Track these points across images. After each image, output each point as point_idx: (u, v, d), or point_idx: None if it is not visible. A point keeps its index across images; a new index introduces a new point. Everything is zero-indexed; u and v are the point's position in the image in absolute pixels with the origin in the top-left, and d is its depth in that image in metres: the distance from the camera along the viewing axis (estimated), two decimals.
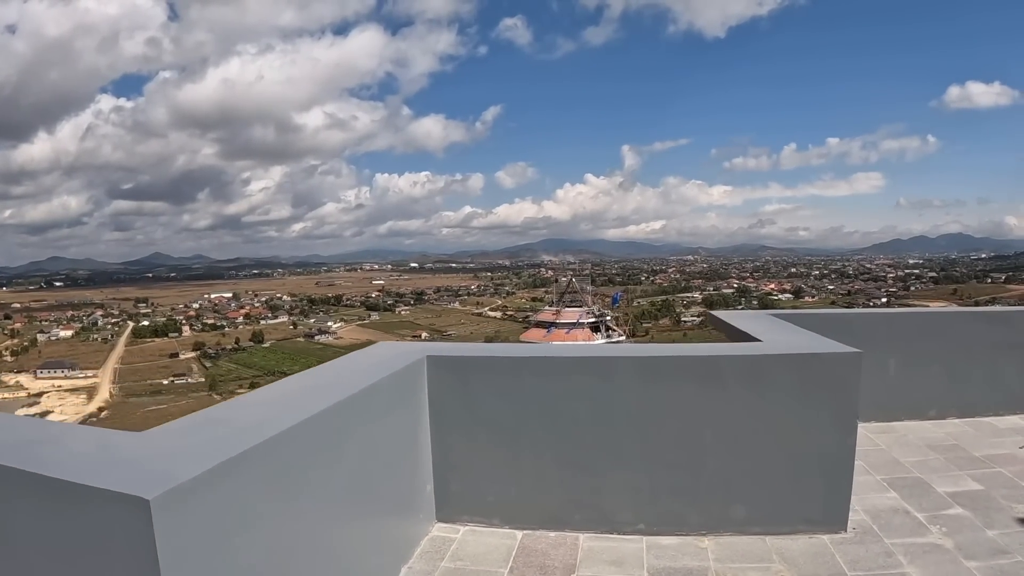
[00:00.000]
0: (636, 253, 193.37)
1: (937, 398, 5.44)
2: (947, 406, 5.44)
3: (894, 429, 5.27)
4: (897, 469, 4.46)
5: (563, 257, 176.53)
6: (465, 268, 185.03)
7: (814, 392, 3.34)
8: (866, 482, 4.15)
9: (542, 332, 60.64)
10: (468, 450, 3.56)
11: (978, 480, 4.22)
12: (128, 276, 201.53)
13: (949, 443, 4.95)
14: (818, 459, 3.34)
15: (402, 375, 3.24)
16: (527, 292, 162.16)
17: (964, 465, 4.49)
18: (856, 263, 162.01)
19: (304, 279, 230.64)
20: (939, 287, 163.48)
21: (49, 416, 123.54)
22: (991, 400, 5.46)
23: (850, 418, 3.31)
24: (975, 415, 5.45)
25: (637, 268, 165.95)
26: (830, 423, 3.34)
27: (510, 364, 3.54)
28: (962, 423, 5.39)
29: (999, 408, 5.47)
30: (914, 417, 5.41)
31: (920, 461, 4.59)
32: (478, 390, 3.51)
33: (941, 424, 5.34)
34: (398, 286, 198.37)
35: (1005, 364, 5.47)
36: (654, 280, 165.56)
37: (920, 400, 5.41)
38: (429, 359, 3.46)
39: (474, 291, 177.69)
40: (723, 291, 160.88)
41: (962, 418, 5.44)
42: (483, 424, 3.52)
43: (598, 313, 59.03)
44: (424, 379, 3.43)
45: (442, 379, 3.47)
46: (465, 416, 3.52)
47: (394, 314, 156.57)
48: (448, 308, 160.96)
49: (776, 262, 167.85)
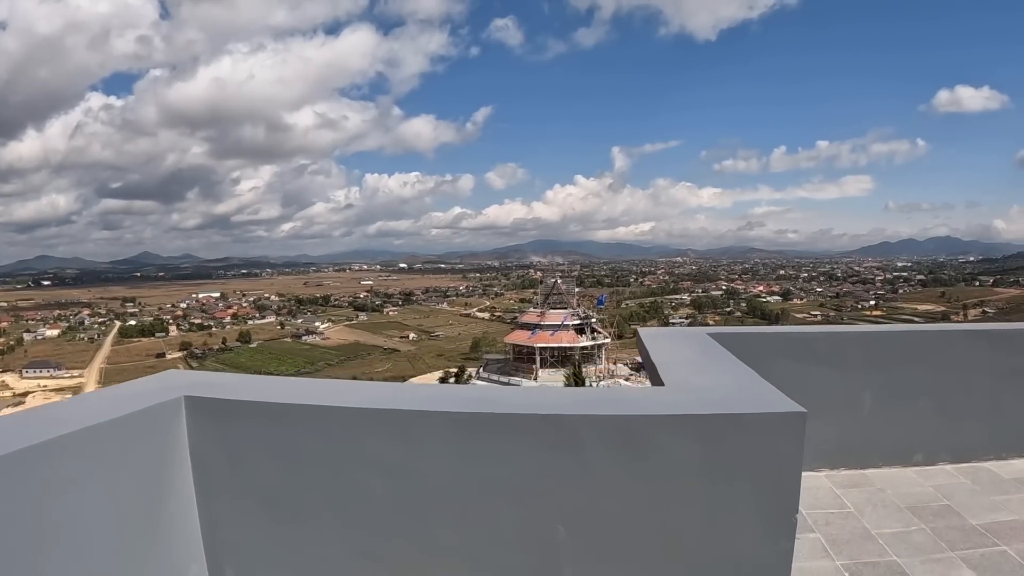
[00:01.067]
0: (625, 255, 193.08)
1: (925, 439, 4.25)
2: (937, 449, 4.26)
3: (869, 480, 4.10)
4: (866, 548, 3.28)
5: (552, 258, 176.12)
6: (454, 269, 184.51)
7: (730, 473, 2.13)
8: (821, 572, 2.96)
9: (527, 334, 59.77)
10: (242, 526, 2.51)
11: (975, 567, 3.05)
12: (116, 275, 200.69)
13: (938, 503, 3.78)
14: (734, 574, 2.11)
15: (143, 419, 2.30)
16: (515, 293, 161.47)
17: (957, 541, 3.32)
18: (845, 266, 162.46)
19: (293, 279, 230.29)
20: (927, 290, 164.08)
21: None
22: (993, 441, 4.29)
23: (785, 512, 2.07)
24: (973, 460, 4.27)
25: (626, 270, 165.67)
26: (754, 520, 2.11)
27: (279, 412, 2.42)
28: (956, 472, 4.21)
29: (1002, 451, 4.31)
30: (895, 463, 4.23)
31: (898, 534, 3.42)
32: (244, 445, 2.47)
33: (929, 473, 4.17)
34: (386, 286, 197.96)
35: (1011, 395, 4.28)
36: (643, 282, 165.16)
37: (903, 442, 4.22)
38: (187, 400, 2.43)
39: (462, 292, 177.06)
40: (711, 293, 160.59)
41: (956, 464, 4.26)
42: (256, 493, 2.48)
43: (583, 315, 58.11)
44: (183, 427, 2.41)
45: (204, 428, 2.44)
46: (234, 481, 2.49)
47: (382, 315, 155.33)
48: (436, 309, 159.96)
49: (765, 264, 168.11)
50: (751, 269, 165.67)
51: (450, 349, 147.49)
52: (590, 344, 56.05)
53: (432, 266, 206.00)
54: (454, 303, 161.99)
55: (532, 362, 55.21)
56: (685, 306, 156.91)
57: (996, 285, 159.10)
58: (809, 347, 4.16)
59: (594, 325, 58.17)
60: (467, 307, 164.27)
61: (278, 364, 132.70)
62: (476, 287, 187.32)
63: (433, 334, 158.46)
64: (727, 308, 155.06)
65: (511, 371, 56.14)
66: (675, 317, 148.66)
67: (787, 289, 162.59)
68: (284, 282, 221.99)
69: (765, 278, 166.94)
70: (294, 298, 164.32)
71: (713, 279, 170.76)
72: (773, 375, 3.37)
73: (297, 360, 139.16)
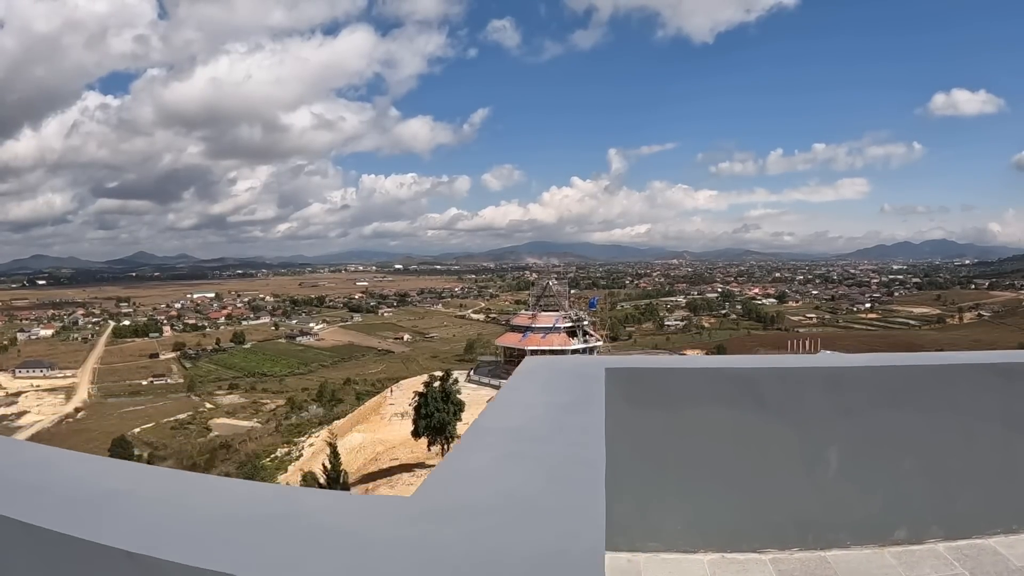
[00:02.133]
0: (621, 256, 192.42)
1: (910, 509, 3.19)
2: (926, 522, 3.19)
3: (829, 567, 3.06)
4: None
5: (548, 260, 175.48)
6: (450, 270, 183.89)
7: None
8: None
9: (518, 336, 59.06)
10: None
11: None
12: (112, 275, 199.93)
13: None
14: None
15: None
16: (510, 295, 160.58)
17: None
18: (840, 268, 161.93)
19: (288, 279, 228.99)
20: (923, 293, 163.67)
21: (26, 416, 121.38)
22: (1000, 511, 3.22)
23: None
24: (972, 535, 3.21)
25: (622, 272, 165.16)
26: None
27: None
28: (950, 553, 3.17)
29: (1012, 522, 3.25)
30: (869, 541, 3.17)
31: None
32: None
33: (915, 557, 3.13)
34: (382, 287, 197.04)
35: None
36: (638, 284, 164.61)
37: (881, 513, 3.16)
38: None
39: (457, 293, 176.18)
40: (707, 295, 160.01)
41: (951, 541, 3.20)
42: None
43: (575, 318, 57.29)
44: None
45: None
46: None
47: (376, 316, 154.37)
48: (431, 310, 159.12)
49: (760, 267, 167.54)
50: (747, 271, 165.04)
51: (445, 351, 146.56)
52: (582, 347, 55.20)
53: (428, 267, 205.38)
54: (449, 304, 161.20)
55: None
56: (680, 308, 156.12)
57: (992, 288, 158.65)
58: (754, 387, 3.10)
59: (586, 327, 57.36)
60: (462, 308, 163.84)
61: (271, 365, 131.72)
62: (471, 288, 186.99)
63: (427, 335, 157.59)
64: (722, 310, 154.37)
65: (502, 374, 55.22)
66: (670, 319, 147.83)
67: (783, 292, 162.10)
68: (279, 283, 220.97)
69: (761, 280, 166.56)
70: (289, 299, 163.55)
71: (709, 281, 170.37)
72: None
73: (291, 361, 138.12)
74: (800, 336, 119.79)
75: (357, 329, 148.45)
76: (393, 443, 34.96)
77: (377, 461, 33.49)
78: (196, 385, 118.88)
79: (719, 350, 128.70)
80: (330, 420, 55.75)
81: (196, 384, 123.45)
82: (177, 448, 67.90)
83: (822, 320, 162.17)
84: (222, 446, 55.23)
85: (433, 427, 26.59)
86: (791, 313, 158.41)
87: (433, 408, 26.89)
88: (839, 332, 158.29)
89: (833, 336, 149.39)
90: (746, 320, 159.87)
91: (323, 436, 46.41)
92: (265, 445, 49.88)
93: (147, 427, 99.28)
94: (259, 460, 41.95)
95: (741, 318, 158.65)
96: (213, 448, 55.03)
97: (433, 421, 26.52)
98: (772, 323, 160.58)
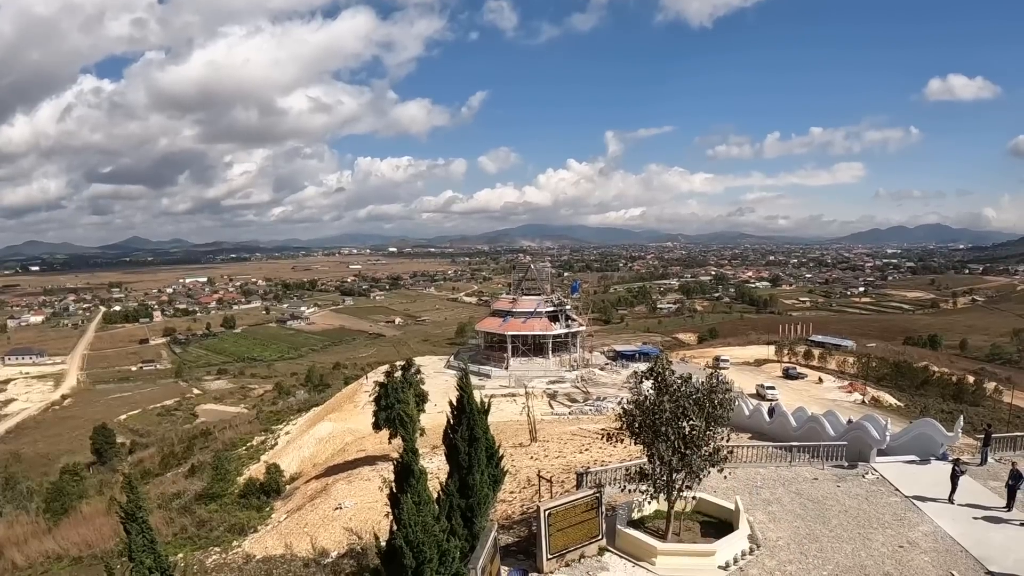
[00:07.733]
0: (615, 239, 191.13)
1: None
2: None
3: None
4: None
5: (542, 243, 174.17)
6: (444, 253, 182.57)
7: None
8: None
9: (498, 321, 58.23)
10: None
11: None
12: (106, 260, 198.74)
13: None
14: None
15: None
16: (503, 277, 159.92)
17: None
18: (834, 252, 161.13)
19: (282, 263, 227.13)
20: (917, 277, 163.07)
21: (13, 404, 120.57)
22: None
23: None
24: None
25: (615, 254, 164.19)
26: None
27: None
28: None
29: None
30: None
31: None
32: None
33: None
34: (375, 271, 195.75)
35: None
36: (632, 267, 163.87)
37: None
38: None
39: (450, 276, 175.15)
40: (700, 278, 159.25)
41: None
42: None
43: (557, 302, 56.46)
44: None
45: None
46: None
47: (368, 299, 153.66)
48: (423, 293, 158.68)
49: (755, 250, 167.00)
50: (741, 255, 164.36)
51: (436, 334, 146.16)
52: (564, 332, 54.47)
53: (422, 250, 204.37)
54: (441, 287, 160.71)
55: (504, 351, 53.66)
56: (673, 291, 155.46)
57: (986, 273, 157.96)
58: None
59: (569, 312, 56.47)
60: (454, 291, 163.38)
61: (261, 350, 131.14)
62: (464, 271, 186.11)
63: (419, 319, 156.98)
64: (715, 293, 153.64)
65: (482, 360, 54.53)
66: (663, 302, 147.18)
67: (776, 275, 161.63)
68: (273, 266, 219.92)
69: (755, 264, 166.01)
70: (281, 283, 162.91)
71: (703, 264, 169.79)
72: None
73: (281, 346, 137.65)
74: (792, 320, 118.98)
75: (349, 313, 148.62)
76: (363, 433, 34.25)
77: (344, 452, 32.84)
78: (185, 371, 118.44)
79: (711, 334, 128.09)
80: (308, 408, 55.18)
81: (185, 370, 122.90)
82: (160, 436, 67.39)
83: (815, 304, 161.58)
84: (202, 433, 54.74)
85: (392, 419, 25.82)
86: (784, 296, 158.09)
87: (393, 399, 26.10)
88: (832, 316, 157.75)
89: (826, 320, 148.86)
90: (739, 303, 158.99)
91: (300, 425, 45.73)
92: (243, 433, 49.34)
93: (133, 414, 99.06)
94: (234, 450, 41.34)
95: (734, 301, 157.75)
96: (192, 436, 54.54)
97: (393, 413, 25.73)
98: (765, 306, 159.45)
